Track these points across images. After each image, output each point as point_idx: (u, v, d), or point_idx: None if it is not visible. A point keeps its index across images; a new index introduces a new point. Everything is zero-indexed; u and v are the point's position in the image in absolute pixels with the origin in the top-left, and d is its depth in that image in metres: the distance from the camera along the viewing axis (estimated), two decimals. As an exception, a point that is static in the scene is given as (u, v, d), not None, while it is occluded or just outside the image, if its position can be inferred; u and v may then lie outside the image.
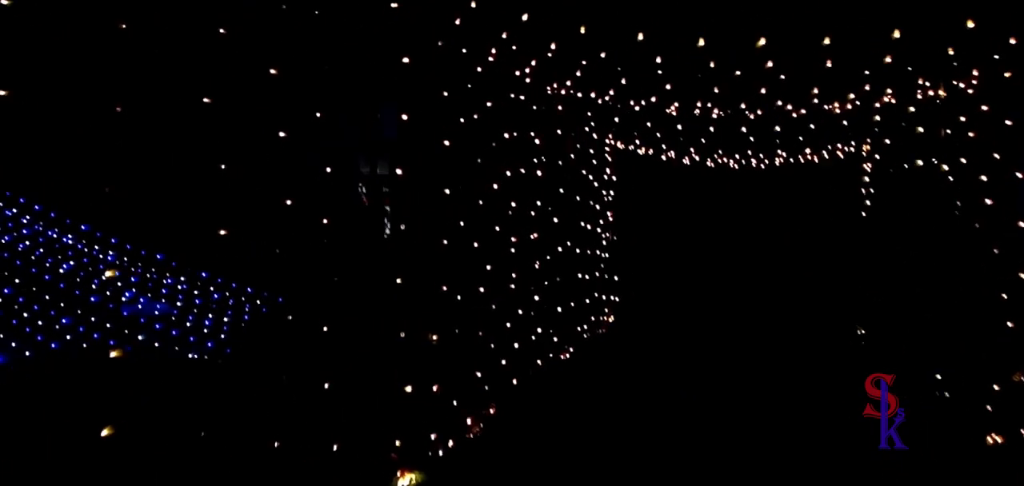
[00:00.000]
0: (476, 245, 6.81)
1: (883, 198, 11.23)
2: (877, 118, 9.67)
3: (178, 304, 10.49)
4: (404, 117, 5.57)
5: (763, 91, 7.39)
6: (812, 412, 7.56)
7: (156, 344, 9.71)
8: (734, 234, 15.30)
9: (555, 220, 9.73)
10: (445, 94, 6.08)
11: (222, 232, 5.73)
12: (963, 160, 8.03)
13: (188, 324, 10.17)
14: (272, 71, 4.96)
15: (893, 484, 5.44)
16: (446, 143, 6.04)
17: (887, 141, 10.66)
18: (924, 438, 5.62)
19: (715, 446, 6.74)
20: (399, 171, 5.48)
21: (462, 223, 6.47)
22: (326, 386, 4.69)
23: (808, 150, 11.38)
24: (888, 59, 6.20)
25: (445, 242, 6.18)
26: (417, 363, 5.88)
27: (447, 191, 6.07)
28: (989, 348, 7.80)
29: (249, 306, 10.41)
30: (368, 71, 5.71)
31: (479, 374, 6.93)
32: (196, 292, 10.67)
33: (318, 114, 4.82)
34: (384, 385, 5.47)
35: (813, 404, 7.84)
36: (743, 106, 8.11)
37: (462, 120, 6.44)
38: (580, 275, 11.39)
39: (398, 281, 5.51)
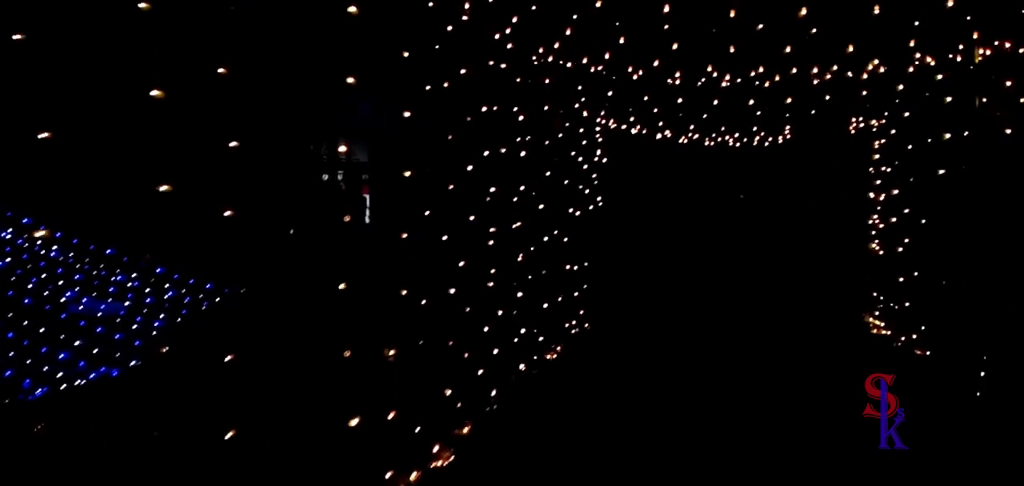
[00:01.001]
0: (446, 238, 5.68)
1: (898, 178, 10.29)
2: (900, 87, 8.61)
3: (127, 303, 9.70)
4: (350, 80, 4.42)
5: (788, 50, 6.27)
6: (813, 407, 7.31)
7: (95, 350, 8.80)
8: (728, 216, 14.61)
9: (541, 207, 8.66)
10: (405, 56, 4.93)
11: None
12: (1008, 131, 6.97)
13: (135, 327, 9.31)
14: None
15: (893, 484, 5.32)
16: (406, 115, 4.90)
17: (906, 114, 9.62)
18: (924, 438, 5.43)
19: (715, 446, 6.31)
20: (343, 148, 4.33)
21: (427, 212, 5.34)
22: (227, 436, 3.57)
23: (818, 125, 10.33)
24: (950, 2, 5.10)
25: (404, 236, 5.05)
26: (369, 386, 4.76)
27: (407, 173, 4.95)
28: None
29: (207, 304, 9.51)
30: (310, 29, 4.57)
31: (449, 391, 5.83)
32: (148, 289, 9.85)
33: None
34: (323, 420, 4.36)
35: (814, 398, 7.56)
36: (760, 70, 6.99)
37: (428, 88, 5.30)
38: (568, 266, 10.40)
39: (342, 287, 4.38)
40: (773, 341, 10.45)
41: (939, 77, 8.02)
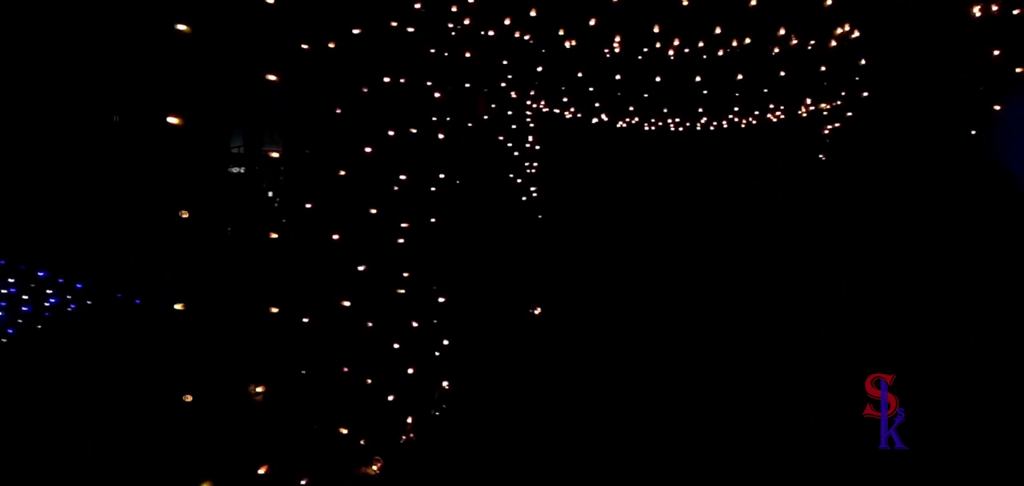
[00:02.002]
0: (337, 238, 4.55)
1: (863, 165, 9.59)
2: (863, 62, 7.80)
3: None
4: (182, 28, 3.22)
5: (753, 3, 5.29)
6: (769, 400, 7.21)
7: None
8: (675, 207, 14.06)
9: (467, 198, 7.61)
10: (270, 1, 3.78)
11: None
12: (997, 107, 6.17)
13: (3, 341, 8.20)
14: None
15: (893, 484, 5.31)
16: (272, 78, 3.75)
17: (865, 94, 8.84)
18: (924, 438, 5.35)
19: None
20: (173, 120, 3.15)
21: (308, 205, 4.19)
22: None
23: (770, 106, 9.50)
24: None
25: (273, 236, 3.90)
26: (226, 436, 3.61)
27: (275, 155, 3.82)
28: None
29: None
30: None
31: (346, 429, 4.70)
32: (25, 296, 8.70)
33: None
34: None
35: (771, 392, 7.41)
36: (717, 31, 6.01)
37: (305, 47, 4.14)
38: (500, 264, 9.36)
39: (178, 307, 3.22)
40: (725, 335, 9.82)
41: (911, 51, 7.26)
